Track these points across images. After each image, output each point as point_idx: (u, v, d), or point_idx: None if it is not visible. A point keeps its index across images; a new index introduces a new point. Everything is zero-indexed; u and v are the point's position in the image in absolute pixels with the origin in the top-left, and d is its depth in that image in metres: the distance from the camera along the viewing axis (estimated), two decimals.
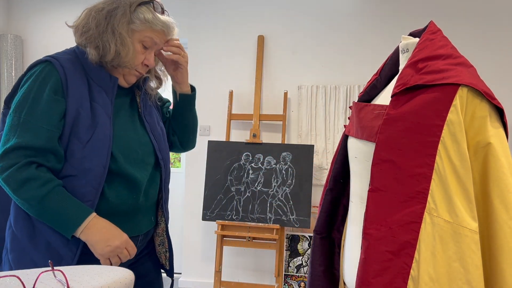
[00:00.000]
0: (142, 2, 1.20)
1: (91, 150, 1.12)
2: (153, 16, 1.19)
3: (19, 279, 0.70)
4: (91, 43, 1.16)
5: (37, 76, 1.13)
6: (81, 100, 1.14)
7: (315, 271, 1.28)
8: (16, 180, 1.06)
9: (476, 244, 0.90)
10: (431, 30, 1.08)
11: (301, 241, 3.08)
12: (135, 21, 1.18)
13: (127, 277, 0.84)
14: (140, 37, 1.19)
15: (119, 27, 1.16)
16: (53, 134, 1.10)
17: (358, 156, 1.12)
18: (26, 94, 1.11)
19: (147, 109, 1.33)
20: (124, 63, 1.18)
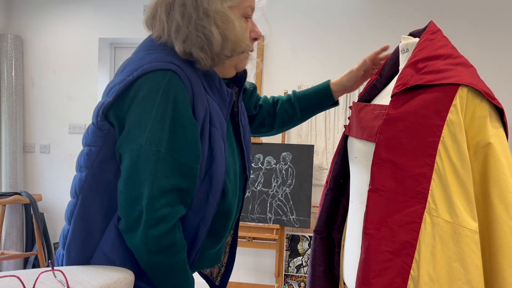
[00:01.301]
0: None
1: (209, 186, 0.92)
2: None
3: (19, 279, 0.70)
4: (194, 44, 0.90)
5: (167, 92, 0.85)
6: (204, 124, 0.91)
7: (315, 271, 1.28)
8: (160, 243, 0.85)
9: (476, 244, 0.90)
10: (431, 30, 1.08)
11: (301, 241, 3.08)
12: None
13: (127, 277, 0.84)
14: (240, 9, 0.96)
15: (212, 5, 0.91)
16: (196, 173, 0.89)
17: (358, 156, 1.12)
18: (160, 118, 0.84)
19: (242, 108, 1.11)
20: (238, 46, 0.93)
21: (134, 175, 0.85)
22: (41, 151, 3.50)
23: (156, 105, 0.84)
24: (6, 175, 3.36)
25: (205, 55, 0.91)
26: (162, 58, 0.88)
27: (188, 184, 0.88)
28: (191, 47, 0.90)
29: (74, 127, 3.46)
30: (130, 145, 0.86)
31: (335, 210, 1.28)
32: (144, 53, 0.93)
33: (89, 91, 3.44)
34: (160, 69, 0.86)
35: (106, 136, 0.90)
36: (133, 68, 0.88)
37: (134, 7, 3.38)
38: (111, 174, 0.90)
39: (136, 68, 0.88)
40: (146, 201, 0.84)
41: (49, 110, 3.50)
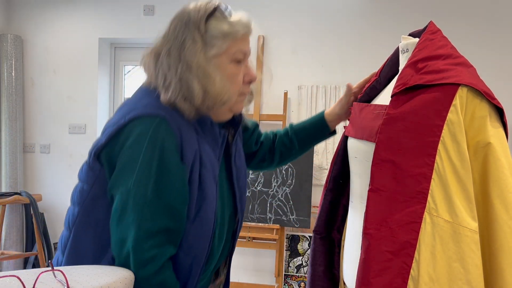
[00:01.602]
0: (208, 15, 0.94)
1: (200, 227, 0.92)
2: (228, 24, 0.95)
3: (19, 279, 0.70)
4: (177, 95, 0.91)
5: (154, 137, 0.87)
6: (194, 167, 0.92)
7: (315, 271, 1.28)
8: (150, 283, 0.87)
9: (476, 244, 0.90)
10: (431, 30, 1.08)
11: (301, 241, 3.08)
12: (213, 42, 0.93)
13: (127, 277, 0.84)
14: (228, 56, 0.95)
15: (194, 58, 0.91)
16: (183, 214, 0.90)
17: (358, 156, 1.12)
18: (148, 162, 0.87)
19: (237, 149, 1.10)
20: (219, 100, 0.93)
21: (122, 217, 0.88)
22: (41, 151, 3.50)
23: (144, 149, 0.87)
24: (6, 175, 3.36)
25: (188, 106, 0.92)
26: (152, 104, 0.91)
27: (176, 225, 0.89)
28: (175, 97, 0.91)
29: (74, 127, 3.46)
30: (120, 188, 0.88)
31: (335, 210, 1.28)
32: (139, 97, 0.96)
33: (89, 91, 3.44)
34: (149, 115, 0.89)
35: (97, 176, 0.94)
36: (126, 111, 0.92)
37: (134, 7, 3.38)
38: (102, 212, 0.93)
39: (129, 112, 0.91)
40: (133, 243, 0.86)
41: (49, 110, 3.49)
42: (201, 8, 0.94)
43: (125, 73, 3.70)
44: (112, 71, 3.64)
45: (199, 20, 0.93)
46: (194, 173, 0.92)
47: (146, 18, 3.37)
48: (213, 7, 0.95)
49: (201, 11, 0.94)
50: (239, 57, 0.97)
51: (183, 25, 0.94)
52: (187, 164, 0.90)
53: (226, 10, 0.97)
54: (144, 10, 3.37)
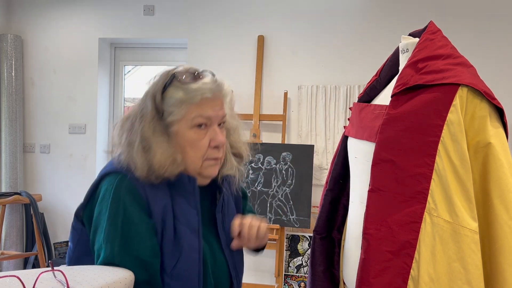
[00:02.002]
0: (165, 84, 0.95)
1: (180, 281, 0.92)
2: (184, 91, 0.93)
3: (19, 279, 0.70)
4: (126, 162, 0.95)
5: (117, 194, 0.91)
6: (165, 218, 0.93)
7: (315, 271, 1.28)
8: None
9: (476, 244, 0.90)
10: (431, 30, 1.08)
11: (301, 241, 3.08)
12: (170, 110, 0.94)
13: (127, 277, 0.84)
14: (187, 122, 0.94)
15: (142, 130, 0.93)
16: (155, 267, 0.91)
17: (358, 156, 1.12)
18: (112, 219, 0.89)
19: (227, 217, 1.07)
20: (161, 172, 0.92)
21: None
22: (41, 151, 3.50)
23: (109, 206, 0.90)
24: (6, 175, 3.36)
25: (138, 174, 0.93)
26: (118, 162, 0.96)
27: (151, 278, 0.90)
28: (126, 163, 0.95)
29: (74, 127, 3.45)
30: (96, 245, 0.92)
31: (335, 210, 1.28)
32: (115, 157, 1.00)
33: (89, 91, 3.44)
34: (114, 171, 0.95)
35: (80, 235, 0.98)
36: (100, 171, 0.99)
37: (134, 7, 3.38)
38: None
39: (102, 171, 0.98)
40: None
41: (49, 110, 3.49)
42: (161, 78, 0.97)
43: (125, 73, 3.70)
44: (112, 71, 3.64)
45: (156, 91, 0.95)
46: (167, 227, 0.93)
47: (146, 18, 3.37)
48: (170, 76, 0.96)
49: (160, 81, 0.96)
50: (199, 122, 0.95)
51: (145, 95, 0.98)
52: (155, 218, 0.92)
53: (186, 77, 0.96)
54: (144, 10, 3.37)
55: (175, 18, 3.35)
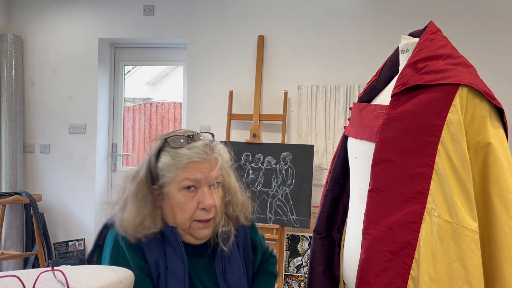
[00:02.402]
0: (159, 149, 1.02)
1: None
2: (171, 155, 1.00)
3: (19, 279, 0.70)
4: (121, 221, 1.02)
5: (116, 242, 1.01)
6: (158, 268, 1.00)
7: (315, 271, 1.28)
8: None
9: (476, 244, 0.90)
10: (431, 30, 1.08)
11: (301, 241, 3.08)
12: (161, 173, 1.01)
13: (127, 277, 0.84)
14: (175, 185, 1.00)
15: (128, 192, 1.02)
16: None
17: (358, 156, 1.12)
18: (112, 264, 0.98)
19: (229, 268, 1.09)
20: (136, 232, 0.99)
21: None
22: (41, 151, 3.50)
23: (110, 254, 1.00)
24: (6, 175, 3.36)
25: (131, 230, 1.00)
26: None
27: None
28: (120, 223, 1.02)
29: (74, 127, 3.46)
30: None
31: (335, 210, 1.28)
32: None
33: (89, 91, 3.44)
34: (112, 224, 1.04)
35: None
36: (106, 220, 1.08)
37: (134, 7, 3.38)
38: None
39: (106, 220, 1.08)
40: None
41: (49, 110, 3.49)
42: (156, 143, 1.05)
43: (125, 73, 3.70)
44: (112, 71, 3.64)
45: (151, 155, 1.04)
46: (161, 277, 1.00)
47: (146, 18, 3.37)
48: (163, 142, 1.03)
49: (155, 146, 1.04)
50: (186, 185, 1.00)
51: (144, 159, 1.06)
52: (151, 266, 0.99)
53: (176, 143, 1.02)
54: (144, 10, 3.37)
55: (175, 18, 3.34)
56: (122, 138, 3.66)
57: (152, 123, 3.74)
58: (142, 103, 3.81)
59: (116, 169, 3.62)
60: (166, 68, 3.83)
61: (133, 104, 3.80)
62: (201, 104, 3.31)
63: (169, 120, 3.73)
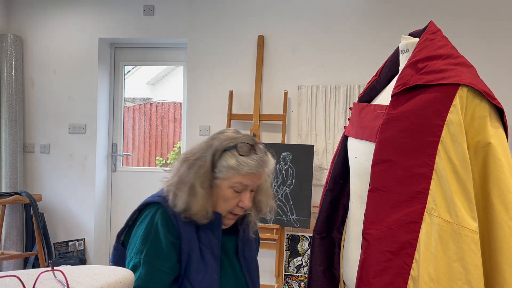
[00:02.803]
0: (226, 148, 1.17)
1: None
2: (237, 161, 1.16)
3: (19, 279, 0.70)
4: (170, 191, 1.18)
5: (152, 219, 1.16)
6: (191, 243, 1.16)
7: (315, 271, 1.28)
8: None
9: (476, 244, 0.90)
10: (431, 30, 1.08)
11: (301, 241, 3.08)
12: (221, 169, 1.17)
13: (127, 277, 0.84)
14: (229, 183, 1.17)
15: (194, 178, 1.15)
16: (169, 278, 1.14)
17: (358, 156, 1.12)
18: (144, 237, 1.14)
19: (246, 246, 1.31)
20: (196, 215, 1.15)
21: None
22: (41, 151, 3.50)
23: (144, 228, 1.15)
24: (6, 175, 3.36)
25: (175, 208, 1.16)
26: (158, 194, 1.23)
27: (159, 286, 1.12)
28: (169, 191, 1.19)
29: (74, 127, 3.45)
30: (127, 258, 1.17)
31: (335, 210, 1.28)
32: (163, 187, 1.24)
33: (89, 91, 3.44)
34: (152, 202, 1.20)
35: (120, 255, 1.23)
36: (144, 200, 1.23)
37: (134, 7, 3.38)
38: None
39: (145, 200, 1.23)
40: None
41: (49, 110, 3.49)
42: (225, 141, 1.19)
43: (125, 73, 3.70)
44: (112, 71, 3.64)
45: (217, 150, 1.17)
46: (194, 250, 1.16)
47: (146, 18, 3.37)
48: (233, 145, 1.18)
49: (223, 144, 1.18)
50: (237, 188, 1.18)
51: (208, 146, 1.20)
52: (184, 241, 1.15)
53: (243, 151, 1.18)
54: (144, 10, 3.37)
55: (175, 18, 3.34)
56: (122, 138, 3.66)
57: (152, 123, 3.75)
58: (142, 103, 3.81)
59: (116, 169, 3.62)
60: (166, 68, 3.83)
61: (133, 104, 3.80)
62: (201, 104, 3.30)
63: (169, 120, 3.73)
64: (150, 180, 3.53)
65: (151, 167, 3.70)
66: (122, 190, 3.59)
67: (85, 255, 3.43)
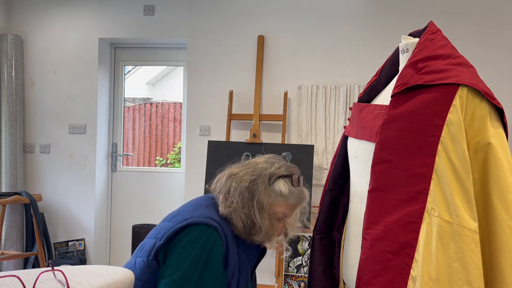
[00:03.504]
0: (282, 175, 1.19)
1: None
2: (289, 190, 1.18)
3: (19, 279, 0.70)
4: (237, 216, 1.15)
5: (206, 243, 1.10)
6: (234, 272, 1.15)
7: (315, 271, 1.28)
8: None
9: (476, 244, 0.90)
10: (431, 30, 1.08)
11: (301, 241, 3.08)
12: (271, 194, 1.17)
13: (127, 277, 0.84)
14: (272, 209, 1.18)
15: (264, 202, 1.15)
16: None
17: (358, 156, 1.12)
18: (195, 262, 1.08)
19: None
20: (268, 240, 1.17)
21: None
22: (41, 151, 3.50)
23: (195, 251, 1.07)
24: (6, 175, 3.36)
25: (242, 230, 1.15)
26: (208, 215, 1.14)
27: None
28: (236, 219, 1.15)
29: (74, 127, 3.46)
30: (165, 279, 1.08)
31: (335, 210, 1.28)
32: (194, 207, 1.18)
33: (89, 91, 3.44)
34: (204, 224, 1.11)
35: (152, 272, 1.12)
36: (183, 218, 1.13)
37: (134, 7, 3.38)
38: None
39: (186, 219, 1.13)
40: None
41: (49, 110, 3.49)
42: (281, 169, 1.20)
43: (125, 73, 3.70)
44: (112, 71, 3.64)
45: (273, 174, 1.18)
46: (233, 280, 1.13)
47: (146, 18, 3.37)
48: (289, 174, 1.20)
49: (280, 170, 1.19)
50: (279, 216, 1.19)
51: (262, 169, 1.19)
52: (229, 271, 1.11)
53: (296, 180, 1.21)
54: (144, 10, 3.37)
55: (175, 18, 3.35)
56: (122, 138, 3.66)
57: (152, 123, 3.74)
58: (142, 103, 3.81)
59: (116, 169, 3.62)
60: (166, 68, 3.83)
61: (133, 104, 3.80)
62: (201, 104, 3.30)
63: (169, 120, 3.73)
64: (150, 180, 3.53)
65: (151, 167, 3.70)
66: (122, 190, 3.59)
67: (85, 255, 3.43)
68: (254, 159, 1.28)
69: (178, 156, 3.75)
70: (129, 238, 3.57)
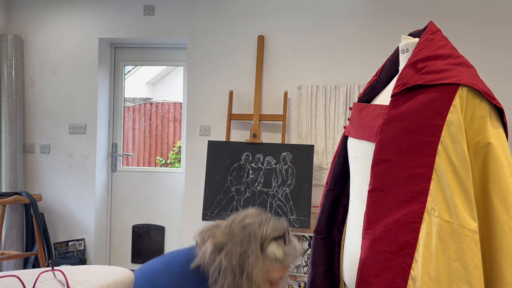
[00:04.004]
0: (274, 237, 1.12)
1: None
2: (284, 253, 1.12)
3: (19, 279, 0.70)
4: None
5: None
6: None
7: (315, 271, 1.27)
8: None
9: (476, 244, 0.90)
10: (431, 30, 1.08)
11: (301, 241, 3.08)
12: (265, 261, 1.10)
13: (127, 277, 0.84)
14: (269, 276, 1.12)
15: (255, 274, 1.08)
16: None
17: (358, 156, 1.12)
18: None
19: None
20: None
21: None
22: (41, 151, 3.50)
23: None
24: (6, 175, 3.36)
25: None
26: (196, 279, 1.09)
27: None
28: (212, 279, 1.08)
29: (74, 127, 3.46)
30: None
31: (335, 210, 1.28)
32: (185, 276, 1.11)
33: (89, 91, 3.44)
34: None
35: None
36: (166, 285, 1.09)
37: (134, 7, 3.38)
38: None
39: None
40: None
41: (49, 110, 3.50)
42: (270, 230, 1.10)
43: (125, 73, 3.70)
44: (112, 71, 3.64)
45: (265, 239, 1.09)
46: None
47: (146, 18, 3.37)
48: (280, 235, 1.11)
49: (270, 231, 1.10)
50: (276, 280, 1.12)
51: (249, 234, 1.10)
52: None
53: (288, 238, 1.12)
54: (144, 10, 3.37)
55: (175, 18, 3.35)
56: (122, 138, 3.66)
57: (152, 123, 3.74)
58: (142, 103, 3.81)
59: (116, 169, 3.62)
60: (166, 68, 3.83)
61: (133, 104, 3.80)
62: (201, 104, 3.30)
63: (169, 120, 3.73)
64: (150, 180, 3.53)
65: (151, 167, 3.70)
66: (122, 190, 3.59)
67: (85, 255, 3.43)
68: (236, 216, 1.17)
69: (178, 156, 3.75)
70: (129, 238, 3.57)
